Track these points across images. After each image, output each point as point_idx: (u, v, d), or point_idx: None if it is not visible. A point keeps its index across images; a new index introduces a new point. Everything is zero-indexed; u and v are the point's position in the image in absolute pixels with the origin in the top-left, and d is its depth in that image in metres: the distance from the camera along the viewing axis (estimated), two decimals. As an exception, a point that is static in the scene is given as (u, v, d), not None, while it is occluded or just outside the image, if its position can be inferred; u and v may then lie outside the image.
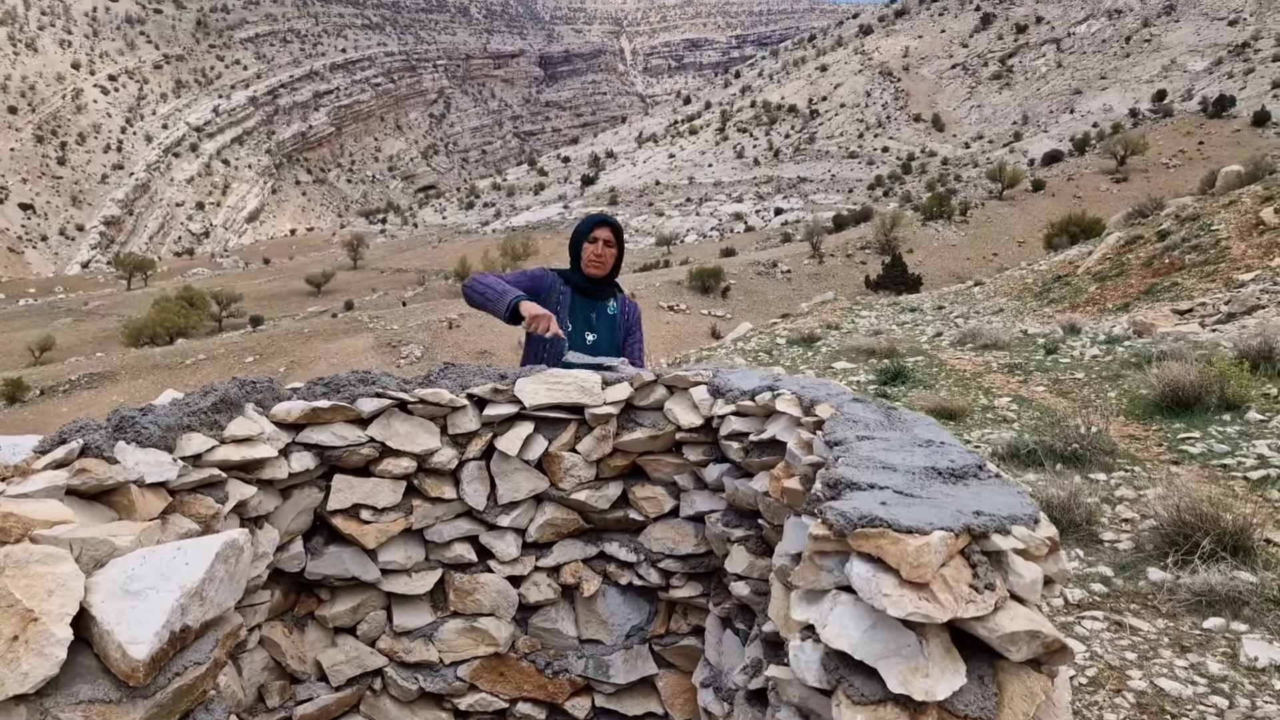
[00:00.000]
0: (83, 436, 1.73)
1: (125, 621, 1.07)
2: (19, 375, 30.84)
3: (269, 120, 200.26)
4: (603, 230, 3.37)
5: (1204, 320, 10.59)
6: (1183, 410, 6.75)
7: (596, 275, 3.39)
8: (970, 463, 1.52)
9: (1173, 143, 60.11)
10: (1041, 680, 1.19)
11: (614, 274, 3.46)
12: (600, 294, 3.44)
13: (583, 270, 3.39)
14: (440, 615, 2.73)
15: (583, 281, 3.40)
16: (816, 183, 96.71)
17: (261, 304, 53.40)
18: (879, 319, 18.99)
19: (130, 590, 1.11)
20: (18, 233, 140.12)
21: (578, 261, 3.41)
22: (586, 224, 3.42)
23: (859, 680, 1.17)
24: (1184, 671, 3.30)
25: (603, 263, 3.38)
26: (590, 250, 3.36)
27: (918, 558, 1.12)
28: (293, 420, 2.44)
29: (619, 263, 3.45)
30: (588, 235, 3.37)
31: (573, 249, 3.44)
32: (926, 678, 1.11)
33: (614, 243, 3.40)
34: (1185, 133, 62.26)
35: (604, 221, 3.42)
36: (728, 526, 2.51)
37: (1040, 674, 1.20)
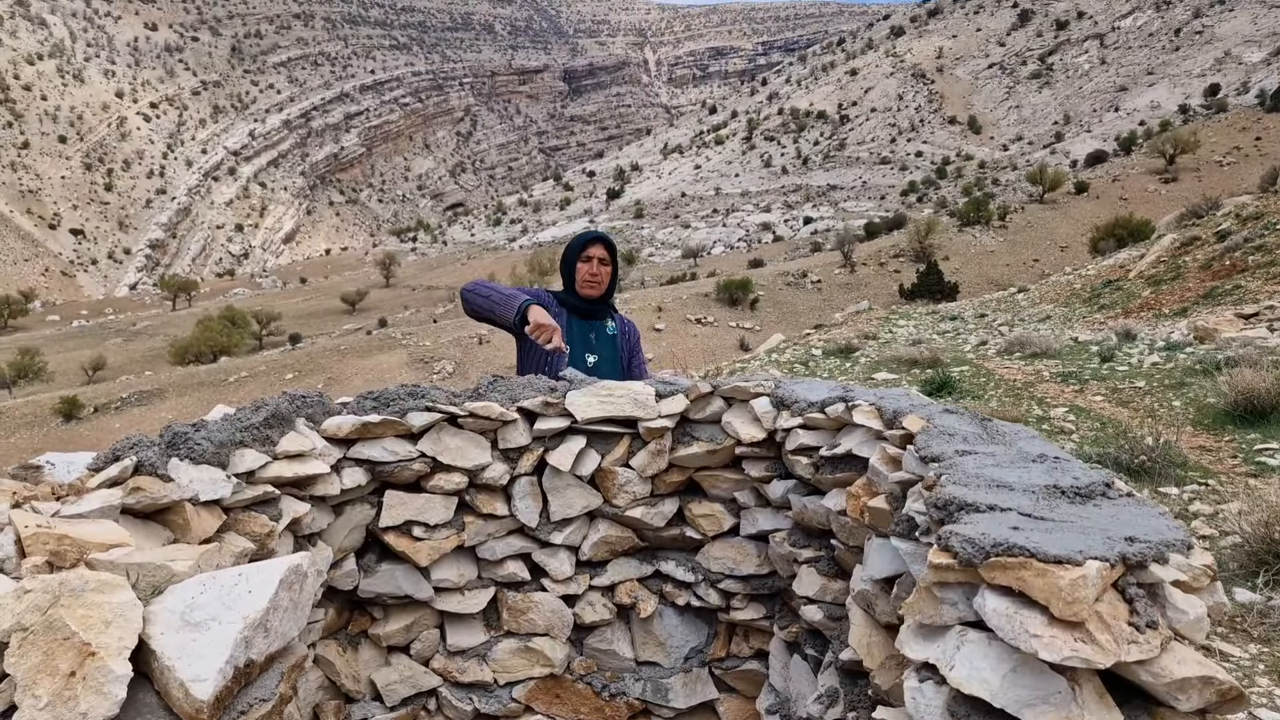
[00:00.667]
0: (136, 453, 1.65)
1: (186, 656, 0.97)
2: (74, 394, 31.66)
3: (302, 143, 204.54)
4: (596, 248, 3.19)
5: (1272, 324, 10.16)
6: (1257, 419, 6.42)
7: (592, 295, 3.21)
8: (1097, 480, 1.37)
9: (1227, 139, 58.25)
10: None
11: (610, 293, 3.28)
12: (597, 314, 3.27)
13: (578, 291, 3.21)
14: (494, 635, 2.63)
15: (579, 302, 3.22)
16: (847, 190, 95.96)
17: (299, 322, 54.27)
18: (918, 328, 18.64)
19: (191, 621, 1.02)
20: (70, 257, 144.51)
21: (571, 282, 3.22)
22: (578, 242, 3.22)
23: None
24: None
25: (598, 282, 3.20)
26: (585, 270, 3.18)
27: (1072, 593, 0.98)
28: (344, 435, 2.36)
29: (614, 281, 3.27)
30: (580, 254, 3.18)
31: (565, 269, 3.24)
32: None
33: (608, 260, 3.22)
34: (1241, 128, 60.25)
35: (597, 239, 3.23)
36: (795, 547, 2.37)
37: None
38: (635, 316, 38.41)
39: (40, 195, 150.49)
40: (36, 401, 32.11)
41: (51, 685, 0.94)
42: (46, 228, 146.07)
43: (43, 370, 39.73)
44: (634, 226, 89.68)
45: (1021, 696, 1.01)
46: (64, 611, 0.98)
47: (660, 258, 76.10)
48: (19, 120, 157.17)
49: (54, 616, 0.98)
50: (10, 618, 1.00)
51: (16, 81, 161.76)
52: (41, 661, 0.96)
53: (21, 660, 0.96)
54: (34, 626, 0.98)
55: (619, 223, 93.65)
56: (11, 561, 1.17)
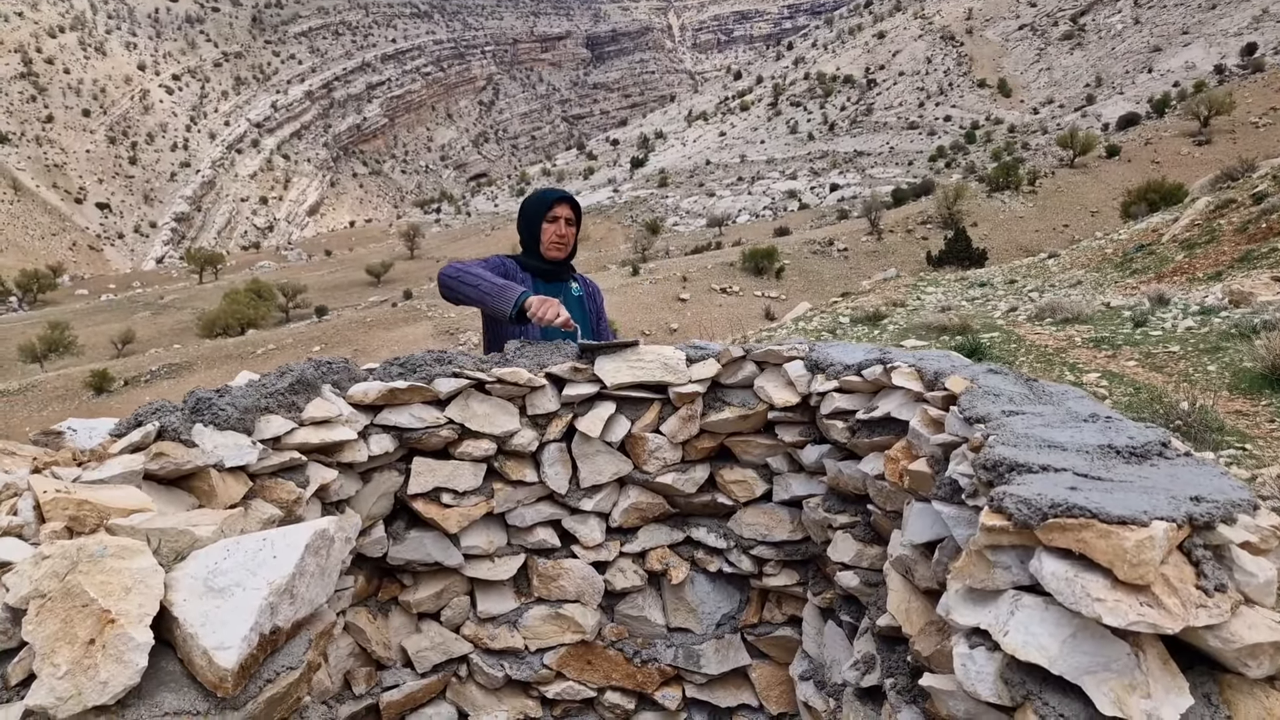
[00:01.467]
0: (159, 419, 1.63)
1: (210, 624, 0.95)
2: (104, 367, 32.21)
3: (325, 114, 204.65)
4: (563, 208, 3.04)
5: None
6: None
7: (558, 257, 3.07)
8: (1153, 439, 1.30)
9: (1263, 100, 56.39)
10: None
11: (573, 254, 3.15)
12: (560, 276, 3.12)
13: (542, 253, 3.06)
14: (524, 601, 2.62)
15: (542, 265, 3.05)
16: (874, 156, 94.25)
17: (325, 295, 54.66)
18: (946, 295, 18.35)
19: (214, 587, 0.99)
20: (97, 231, 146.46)
21: (535, 244, 3.06)
22: (542, 201, 3.04)
23: (1054, 698, 0.98)
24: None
25: (565, 243, 3.07)
26: (552, 230, 3.02)
27: (1138, 555, 0.92)
28: (370, 401, 2.34)
29: (576, 242, 3.15)
30: (546, 214, 3.02)
31: (527, 230, 3.07)
32: (1147, 698, 0.92)
33: (574, 220, 3.08)
34: (1278, 89, 58.32)
35: (563, 198, 3.07)
36: (829, 512, 2.32)
37: (1278, 692, 0.99)
38: (660, 286, 38.19)
39: (66, 169, 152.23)
40: (68, 375, 32.72)
41: (71, 653, 0.92)
42: (73, 202, 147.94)
43: (73, 344, 40.38)
44: (658, 195, 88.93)
45: (1081, 663, 0.96)
46: (83, 578, 0.96)
47: (685, 227, 75.51)
48: (42, 94, 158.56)
49: (72, 583, 0.96)
50: (28, 584, 0.98)
51: (39, 55, 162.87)
52: (60, 629, 0.93)
53: (40, 628, 0.94)
54: (52, 593, 0.96)
55: (643, 191, 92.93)
56: (31, 527, 1.15)
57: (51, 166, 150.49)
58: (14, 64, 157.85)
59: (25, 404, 29.77)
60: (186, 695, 0.95)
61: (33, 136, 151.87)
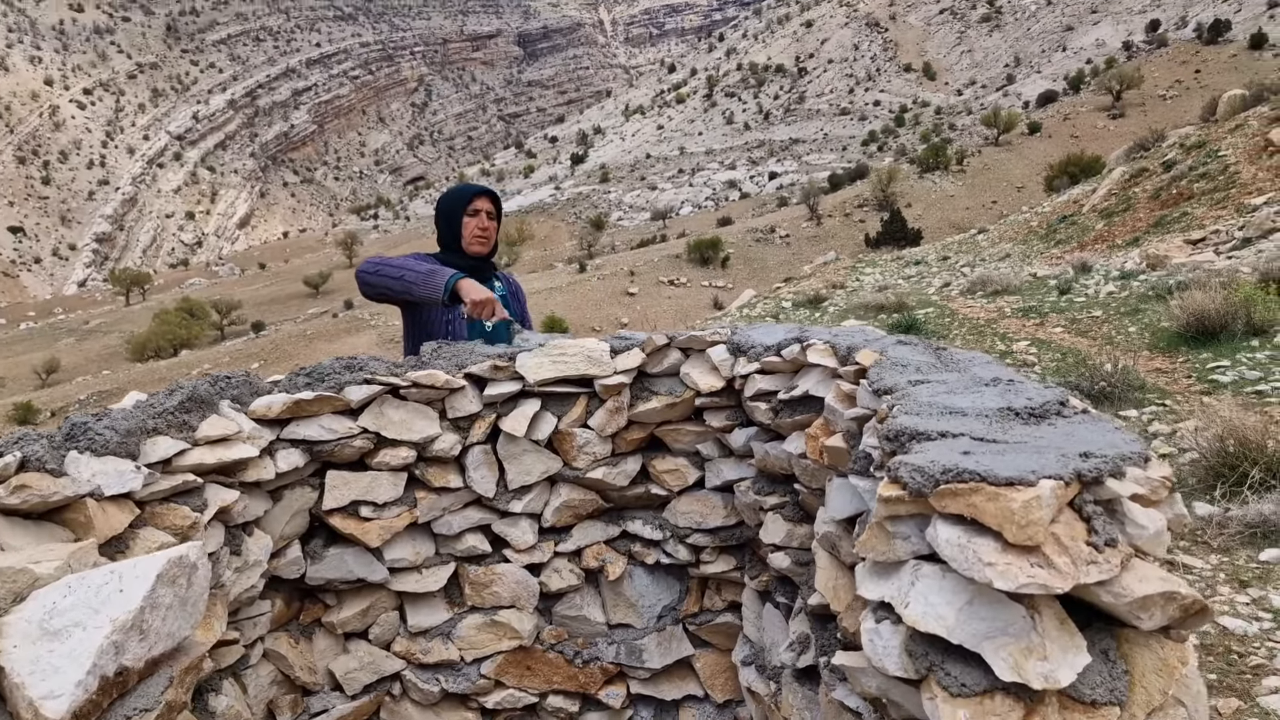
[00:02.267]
0: (20, 449, 1.51)
1: (40, 670, 0.85)
2: (28, 399, 30.79)
3: (250, 123, 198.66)
4: (483, 201, 2.96)
5: (1218, 248, 10.31)
6: (1209, 339, 6.52)
7: (481, 253, 2.97)
8: (1051, 399, 1.30)
9: (1169, 73, 59.09)
10: (1176, 650, 0.97)
11: (495, 250, 3.06)
12: (483, 273, 3.00)
13: (464, 248, 2.95)
14: (457, 612, 2.54)
15: (463, 262, 2.92)
16: (809, 143, 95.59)
17: (262, 309, 53.16)
18: (884, 275, 18.70)
19: (49, 630, 0.90)
20: (10, 257, 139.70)
21: (454, 240, 2.96)
22: (461, 196, 2.95)
23: (955, 667, 0.96)
24: (1246, 608, 3.10)
25: (487, 237, 2.97)
26: (473, 224, 2.93)
27: (1025, 515, 0.90)
28: (275, 415, 2.23)
29: (497, 238, 3.06)
30: (466, 208, 2.93)
31: (446, 227, 2.98)
32: (1044, 660, 0.90)
33: (495, 214, 3.00)
34: (1181, 62, 61.15)
35: (482, 191, 3.00)
36: (759, 494, 2.30)
37: (1174, 643, 0.98)
38: (608, 282, 38.13)
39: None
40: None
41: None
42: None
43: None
44: (600, 191, 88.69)
45: (979, 630, 0.94)
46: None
47: (629, 221, 75.49)
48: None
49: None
50: None
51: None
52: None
53: None
54: None
55: (585, 188, 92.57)
56: None
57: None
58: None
59: (-57, 443, 28.31)
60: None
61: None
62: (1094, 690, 0.93)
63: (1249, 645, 2.89)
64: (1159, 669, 0.95)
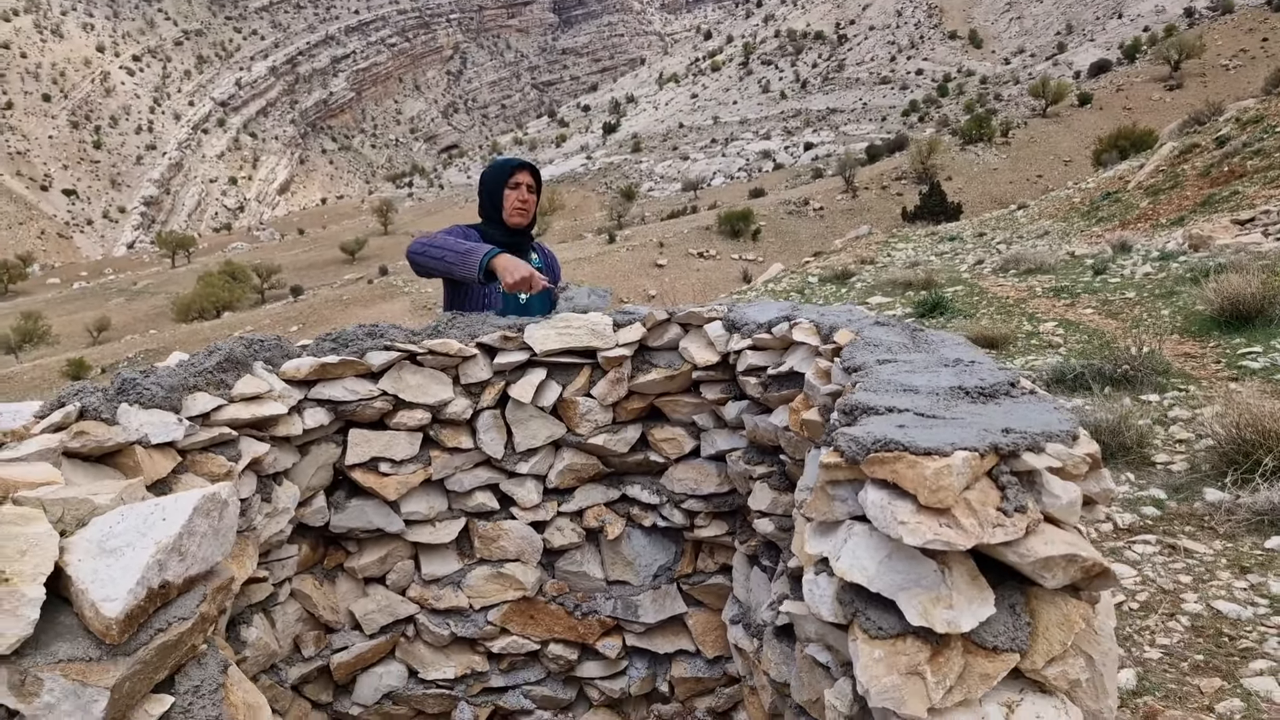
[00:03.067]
0: (80, 399, 1.70)
1: (99, 580, 1.03)
2: (80, 356, 31.89)
3: (290, 90, 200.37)
4: (523, 174, 3.07)
5: (1267, 229, 10.05)
6: (1243, 324, 6.43)
7: (521, 225, 3.10)
8: (1002, 380, 1.40)
9: (1233, 42, 56.50)
10: (1080, 607, 1.08)
11: (534, 223, 3.19)
12: (521, 247, 3.15)
13: (505, 220, 3.08)
14: (467, 563, 2.71)
15: (503, 235, 3.08)
16: (847, 113, 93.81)
17: (300, 274, 54.09)
18: (916, 251, 18.50)
19: (107, 548, 1.07)
20: (64, 218, 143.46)
21: (496, 212, 3.09)
22: (503, 170, 3.07)
23: (876, 614, 1.08)
24: (1243, 593, 3.16)
25: (527, 210, 3.09)
26: (514, 197, 3.06)
27: (937, 481, 1.02)
28: (303, 377, 2.40)
29: (536, 212, 3.19)
30: (508, 181, 3.06)
31: (489, 199, 3.10)
32: (949, 608, 1.02)
33: (534, 188, 3.11)
34: (1248, 29, 58.34)
35: (523, 165, 3.11)
36: (749, 464, 2.42)
37: (1079, 600, 1.09)
38: (637, 253, 38.12)
39: (29, 156, 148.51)
40: (43, 365, 32.37)
41: (-37, 611, 0.99)
42: (39, 189, 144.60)
43: (47, 334, 39.86)
44: (631, 161, 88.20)
45: (895, 581, 1.06)
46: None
47: (660, 192, 75.10)
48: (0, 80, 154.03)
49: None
50: (-71, 552, 1.05)
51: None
52: (-41, 588, 1.01)
53: (-58, 587, 1.02)
54: (-50, 559, 1.03)
55: (616, 157, 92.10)
56: (-54, 500, 1.22)
57: (14, 154, 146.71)
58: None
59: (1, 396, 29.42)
60: (80, 644, 1.03)
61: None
62: (997, 638, 1.05)
63: (1240, 629, 2.96)
64: (1061, 623, 1.06)
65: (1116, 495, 1.29)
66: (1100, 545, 3.60)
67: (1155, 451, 4.45)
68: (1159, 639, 2.91)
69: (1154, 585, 3.22)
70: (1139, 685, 2.67)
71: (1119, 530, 3.71)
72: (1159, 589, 3.19)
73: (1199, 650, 2.84)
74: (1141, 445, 4.43)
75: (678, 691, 2.83)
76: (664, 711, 2.86)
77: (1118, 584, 1.13)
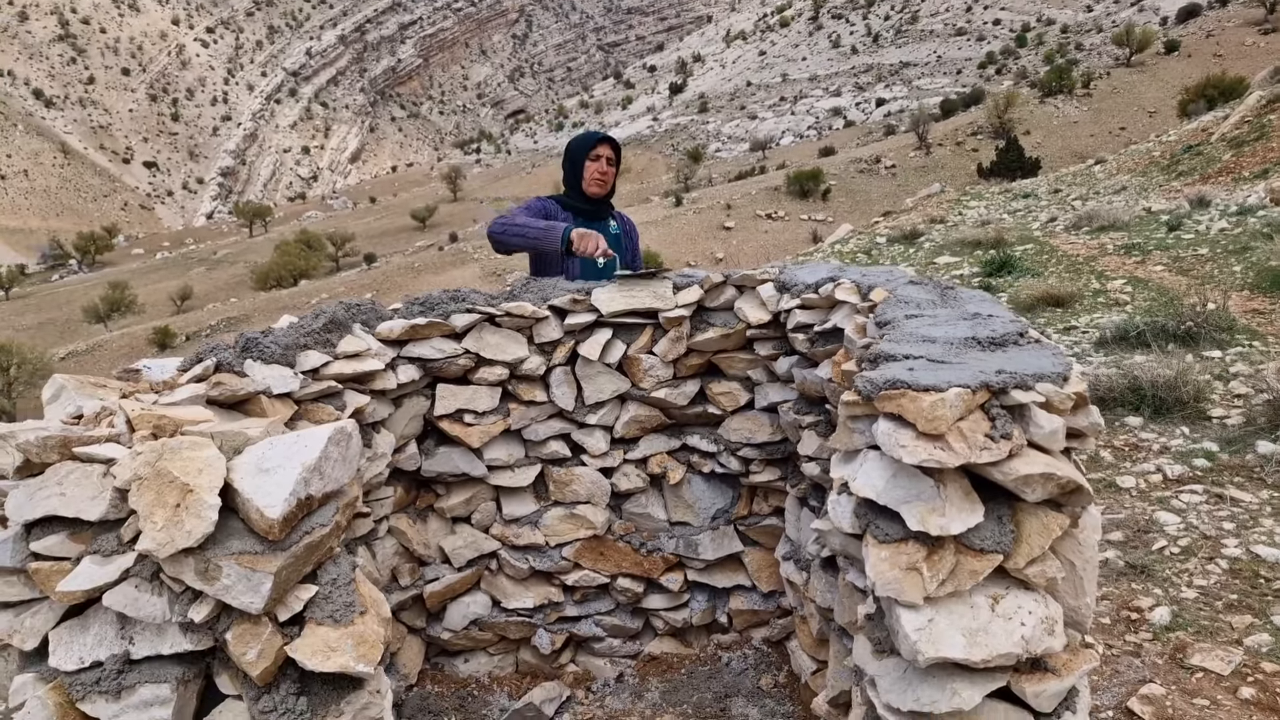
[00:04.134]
0: (215, 355, 2.02)
1: (260, 492, 1.32)
2: (166, 324, 33.74)
3: (359, 58, 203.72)
4: (604, 148, 3.36)
5: (1356, 181, 9.53)
6: (1319, 280, 6.25)
7: (599, 195, 3.38)
8: (1012, 330, 1.57)
9: (1338, -21, 52.18)
10: (1059, 518, 1.27)
11: (612, 193, 3.46)
12: (600, 215, 3.44)
13: (584, 190, 3.37)
14: (543, 504, 3.01)
15: (583, 204, 3.38)
16: (921, 67, 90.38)
17: (372, 242, 55.65)
18: (989, 209, 18.03)
19: (262, 469, 1.37)
20: (146, 190, 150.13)
21: (577, 182, 3.38)
22: (586, 142, 3.37)
23: (884, 523, 1.30)
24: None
25: (605, 181, 3.37)
26: (594, 168, 3.34)
27: (932, 411, 1.22)
28: (395, 337, 2.70)
29: (615, 181, 3.46)
30: (589, 154, 3.34)
31: (571, 169, 3.39)
32: (942, 517, 1.23)
33: (614, 160, 3.39)
34: (1353, -35, 53.76)
35: (604, 138, 3.40)
36: (799, 414, 2.63)
37: (1059, 514, 1.28)
38: (704, 216, 37.94)
39: (111, 130, 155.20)
40: (131, 334, 34.32)
41: (164, 514, 1.30)
42: (121, 162, 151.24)
43: (134, 303, 41.98)
44: (698, 121, 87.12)
45: (899, 495, 1.27)
46: (168, 464, 1.34)
47: (727, 152, 74.12)
48: (81, 55, 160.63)
49: (161, 467, 1.34)
50: (129, 471, 1.37)
51: (74, 15, 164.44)
52: (155, 498, 1.32)
53: (140, 498, 1.33)
54: (147, 476, 1.34)
55: (683, 118, 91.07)
56: (125, 436, 1.55)
57: (97, 128, 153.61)
58: (51, 26, 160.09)
59: (95, 363, 31.39)
60: (248, 541, 1.33)
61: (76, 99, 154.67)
62: (984, 541, 1.25)
63: (1277, 571, 3.06)
64: (1041, 531, 1.26)
65: (1103, 428, 1.41)
66: (1148, 495, 3.70)
67: (1212, 406, 4.46)
68: (1196, 580, 3.03)
69: (1196, 531, 3.32)
70: (1173, 621, 2.81)
71: (1168, 481, 3.79)
72: (1201, 535, 3.29)
73: (1234, 590, 2.95)
74: (1199, 400, 4.44)
75: (735, 622, 3.09)
76: (723, 640, 3.13)
77: (1093, 500, 1.31)
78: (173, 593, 1.33)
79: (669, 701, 2.88)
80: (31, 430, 1.40)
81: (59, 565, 1.34)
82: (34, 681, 1.33)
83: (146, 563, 1.34)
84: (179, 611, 1.32)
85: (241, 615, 1.34)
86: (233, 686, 1.37)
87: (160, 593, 1.33)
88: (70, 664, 1.32)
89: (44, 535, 1.36)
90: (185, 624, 1.33)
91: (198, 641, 1.33)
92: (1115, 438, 4.36)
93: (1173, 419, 4.36)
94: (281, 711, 1.31)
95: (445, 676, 3.07)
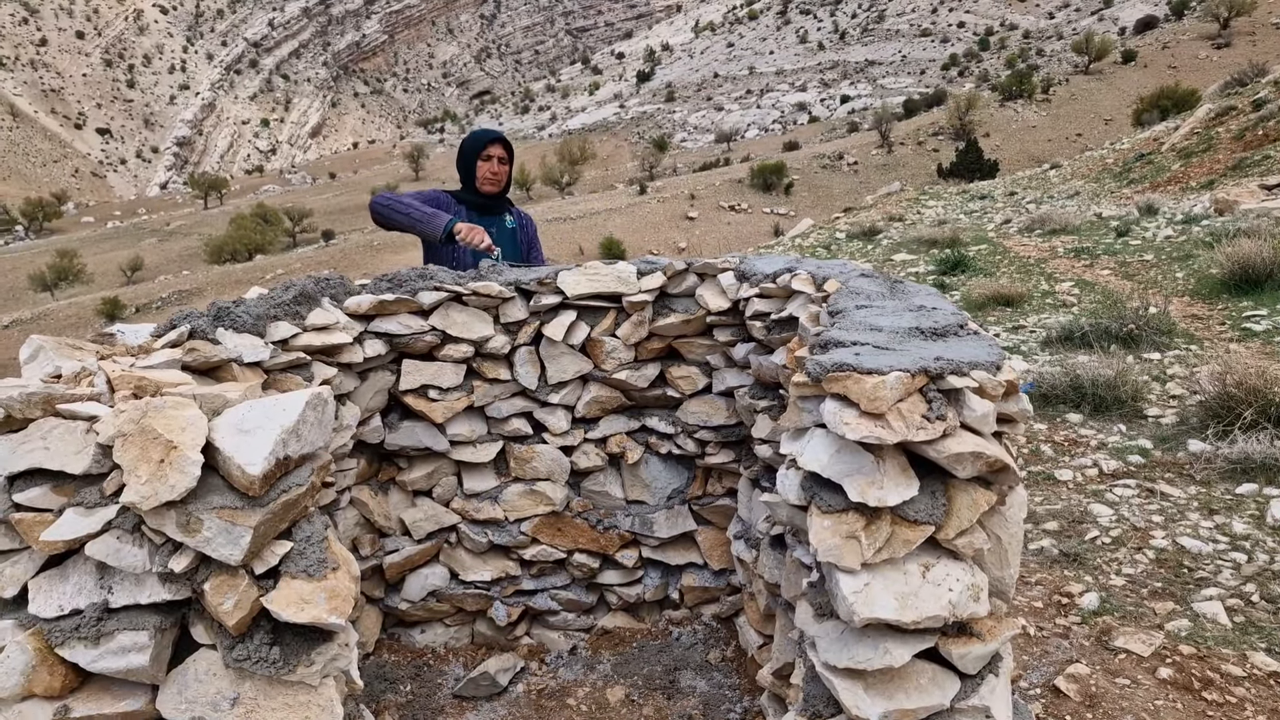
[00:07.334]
0: (189, 322, 2.05)
1: (240, 450, 1.38)
2: (115, 295, 32.79)
3: (323, 31, 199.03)
4: (495, 147, 3.46)
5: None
6: (1252, 288, 6.58)
7: (492, 192, 3.50)
8: (953, 322, 1.69)
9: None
10: (986, 495, 1.40)
11: (506, 189, 3.57)
12: (495, 210, 3.55)
13: (477, 188, 3.48)
14: (503, 480, 3.08)
15: (477, 199, 3.50)
16: (886, 65, 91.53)
17: (331, 218, 54.65)
18: (946, 209, 18.43)
19: (242, 429, 1.42)
20: (99, 157, 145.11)
21: (471, 179, 3.49)
22: (477, 141, 3.46)
23: (827, 495, 1.40)
24: (1207, 531, 3.46)
25: (497, 179, 3.48)
26: (485, 168, 3.45)
27: (874, 392, 1.33)
28: (363, 311, 2.74)
29: (510, 178, 3.56)
30: (480, 153, 3.44)
31: (464, 167, 3.50)
32: (880, 489, 1.34)
33: (506, 159, 3.49)
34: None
35: (496, 138, 3.48)
36: (754, 398, 2.74)
37: (988, 491, 1.40)
38: (668, 205, 38.04)
39: (63, 94, 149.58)
40: (79, 303, 33.31)
41: (148, 469, 1.36)
42: (73, 128, 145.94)
43: (82, 272, 40.77)
44: (665, 110, 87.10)
45: (842, 469, 1.38)
46: (152, 420, 1.39)
47: (693, 143, 74.27)
48: (34, 16, 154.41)
49: (145, 424, 1.39)
50: (113, 428, 1.42)
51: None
52: (140, 453, 1.37)
53: (125, 453, 1.38)
54: (131, 432, 1.39)
55: (650, 107, 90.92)
56: (106, 396, 1.59)
57: (49, 91, 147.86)
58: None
59: (40, 331, 30.31)
60: (228, 497, 1.39)
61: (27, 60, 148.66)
62: (918, 514, 1.36)
63: (1200, 562, 3.27)
64: (970, 505, 1.38)
65: (1032, 414, 1.54)
66: (1084, 488, 3.90)
67: (1149, 405, 4.70)
68: (1125, 569, 3.23)
69: (1127, 523, 3.52)
70: (1101, 606, 3.00)
71: (1103, 475, 4.00)
72: (1131, 526, 3.49)
73: (1159, 579, 3.15)
74: (1136, 399, 4.68)
75: (686, 599, 3.20)
76: (674, 616, 3.25)
77: (1019, 480, 1.43)
78: (153, 544, 1.38)
79: (620, 673, 2.98)
80: (14, 387, 1.43)
81: (41, 516, 1.39)
82: (13, 628, 1.38)
83: (129, 515, 1.38)
84: (159, 562, 1.37)
85: (220, 567, 1.40)
86: (207, 636, 1.43)
87: (141, 544, 1.38)
88: (49, 611, 1.36)
89: (27, 487, 1.40)
90: (165, 574, 1.38)
91: (175, 592, 1.39)
92: (1056, 433, 4.58)
93: (1111, 417, 4.59)
94: (255, 660, 1.37)
95: (402, 646, 3.14)
